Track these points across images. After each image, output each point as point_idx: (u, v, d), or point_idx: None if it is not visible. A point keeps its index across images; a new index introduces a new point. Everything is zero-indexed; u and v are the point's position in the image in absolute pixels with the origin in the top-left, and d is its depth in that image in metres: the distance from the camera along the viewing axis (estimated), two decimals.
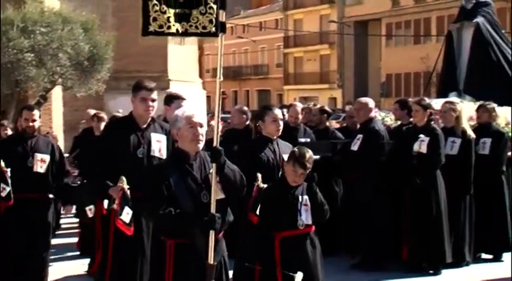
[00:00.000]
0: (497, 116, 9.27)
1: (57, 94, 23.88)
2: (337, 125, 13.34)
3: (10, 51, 18.78)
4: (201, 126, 4.64)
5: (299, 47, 59.06)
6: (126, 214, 5.66)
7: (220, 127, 7.81)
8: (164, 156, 5.99)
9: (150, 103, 6.05)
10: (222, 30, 4.76)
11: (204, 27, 4.74)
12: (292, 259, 5.34)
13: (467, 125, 8.66)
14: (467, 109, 9.26)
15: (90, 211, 7.09)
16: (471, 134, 8.50)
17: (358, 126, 8.89)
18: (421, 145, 8.14)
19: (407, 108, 8.93)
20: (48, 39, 19.48)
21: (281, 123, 6.82)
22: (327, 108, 10.73)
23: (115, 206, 5.73)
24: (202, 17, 4.72)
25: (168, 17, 4.66)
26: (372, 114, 8.76)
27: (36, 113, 7.40)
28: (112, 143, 6.07)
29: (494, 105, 9.25)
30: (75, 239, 9.75)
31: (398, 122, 9.49)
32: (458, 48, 11.94)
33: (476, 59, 11.47)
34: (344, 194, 9.15)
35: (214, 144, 4.62)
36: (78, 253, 9.43)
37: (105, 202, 6.26)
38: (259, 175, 6.16)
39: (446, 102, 8.95)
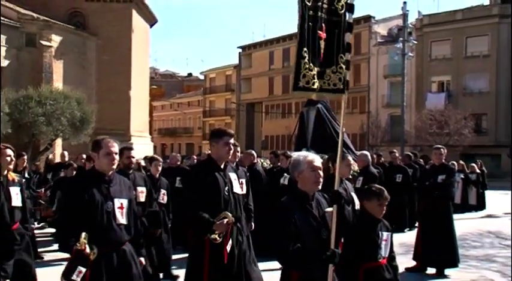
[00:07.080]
0: None
1: (58, 143, 23.49)
2: None
3: (29, 115, 18.47)
4: (321, 169, 3.39)
5: (212, 117, 58.86)
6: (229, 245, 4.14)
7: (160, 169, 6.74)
8: (241, 192, 4.37)
9: (232, 147, 4.32)
10: (347, 88, 3.65)
11: (334, 85, 3.59)
12: None
13: None
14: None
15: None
16: None
17: (246, 168, 7.86)
18: (285, 180, 8.21)
19: (277, 157, 8.98)
20: (54, 109, 19.30)
21: (351, 168, 5.29)
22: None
23: (218, 238, 4.00)
24: (333, 75, 3.58)
25: (314, 75, 3.50)
26: (255, 160, 8.54)
27: (133, 152, 5.63)
28: (203, 183, 4.15)
29: (326, 156, 9.61)
30: None
31: (271, 165, 9.37)
32: (307, 122, 11.87)
33: (317, 129, 11.48)
34: None
35: (336, 187, 3.48)
36: None
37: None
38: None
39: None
